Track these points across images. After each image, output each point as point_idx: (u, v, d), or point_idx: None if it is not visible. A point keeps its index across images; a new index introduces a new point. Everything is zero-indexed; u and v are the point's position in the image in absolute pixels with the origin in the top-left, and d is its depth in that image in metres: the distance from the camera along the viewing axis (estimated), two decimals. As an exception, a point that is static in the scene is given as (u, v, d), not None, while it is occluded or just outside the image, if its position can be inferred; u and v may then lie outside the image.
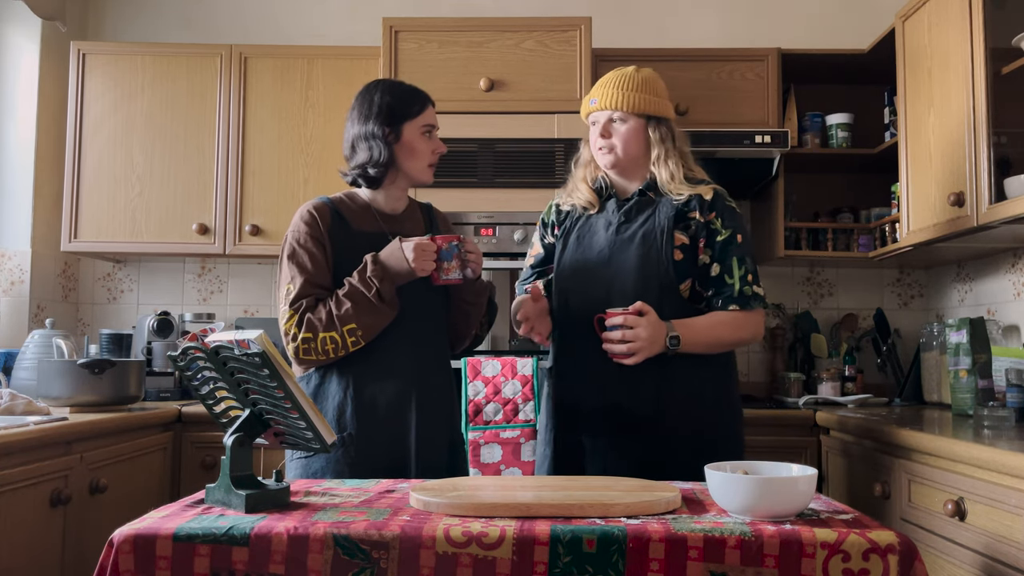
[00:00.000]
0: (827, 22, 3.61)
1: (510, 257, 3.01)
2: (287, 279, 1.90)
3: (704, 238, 1.95)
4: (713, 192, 1.98)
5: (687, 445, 1.88)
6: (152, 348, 3.18)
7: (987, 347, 2.49)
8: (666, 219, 1.95)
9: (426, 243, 1.87)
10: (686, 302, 1.95)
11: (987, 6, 2.37)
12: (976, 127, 2.37)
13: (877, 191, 3.34)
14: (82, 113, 3.30)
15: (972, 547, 1.77)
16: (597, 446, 1.94)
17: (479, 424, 2.15)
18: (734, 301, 1.93)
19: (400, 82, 2.03)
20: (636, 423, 1.91)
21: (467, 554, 1.24)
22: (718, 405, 1.97)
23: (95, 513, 2.34)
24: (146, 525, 1.29)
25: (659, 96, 2.02)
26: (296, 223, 1.94)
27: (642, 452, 1.90)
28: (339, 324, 1.82)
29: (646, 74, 2.04)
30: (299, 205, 2.00)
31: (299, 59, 3.30)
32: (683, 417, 1.91)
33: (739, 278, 1.93)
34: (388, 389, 1.90)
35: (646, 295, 1.90)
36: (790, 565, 1.23)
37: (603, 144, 2.02)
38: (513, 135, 3.03)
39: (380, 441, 1.87)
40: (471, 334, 2.09)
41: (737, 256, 1.94)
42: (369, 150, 1.94)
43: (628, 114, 2.00)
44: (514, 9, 3.62)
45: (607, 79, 2.05)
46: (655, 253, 1.94)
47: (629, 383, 1.92)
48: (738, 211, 2.00)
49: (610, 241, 2.00)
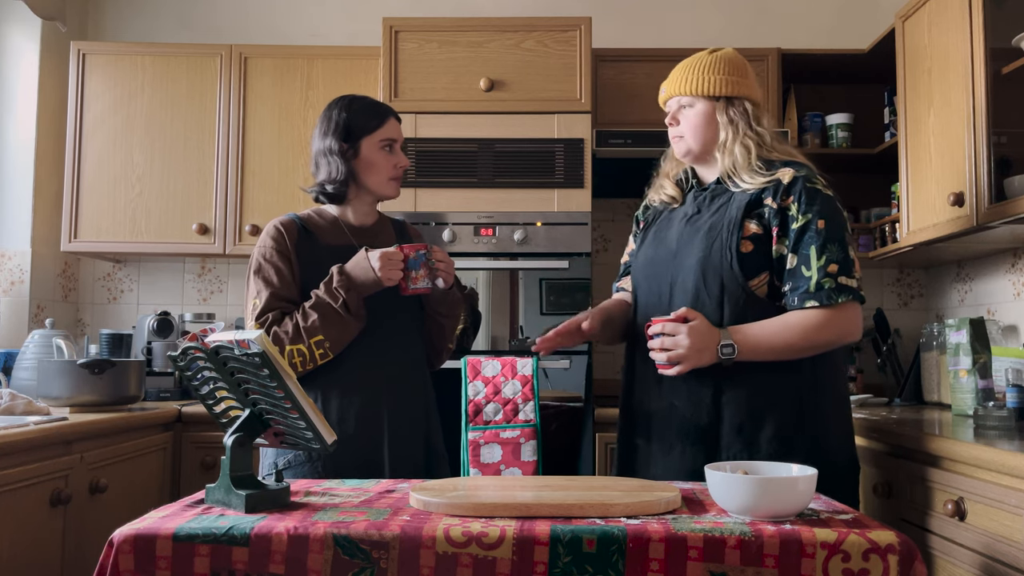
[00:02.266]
0: (827, 22, 3.61)
1: (510, 257, 3.01)
2: (253, 294, 1.90)
3: (778, 226, 1.74)
4: (793, 174, 1.76)
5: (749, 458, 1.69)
6: (152, 348, 3.18)
7: (987, 347, 2.49)
8: (737, 208, 1.76)
9: (392, 252, 1.86)
10: (762, 300, 1.74)
11: (987, 6, 2.37)
12: (976, 127, 2.37)
13: (877, 191, 3.34)
14: (82, 113, 3.30)
15: (972, 547, 1.77)
16: (651, 451, 1.84)
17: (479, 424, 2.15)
18: (811, 297, 1.69)
19: (363, 97, 2.03)
20: (691, 431, 1.76)
21: (467, 554, 1.24)
22: (793, 418, 1.72)
23: (95, 513, 2.34)
24: (146, 525, 1.29)
25: (731, 75, 1.84)
26: (263, 239, 1.94)
27: (693, 463, 1.73)
28: (306, 336, 1.81)
29: (720, 54, 1.87)
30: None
31: (299, 59, 3.30)
32: (741, 430, 1.72)
33: (817, 269, 1.69)
34: (357, 403, 1.89)
35: (707, 291, 1.75)
36: (790, 565, 1.23)
37: (674, 132, 1.90)
38: (513, 135, 3.03)
39: (350, 457, 1.85)
40: (447, 347, 2.08)
41: (817, 244, 1.70)
42: (328, 166, 1.95)
43: (695, 97, 1.85)
44: (514, 9, 3.62)
45: (679, 65, 1.91)
46: (719, 246, 1.75)
47: (688, 388, 1.76)
48: (826, 193, 1.76)
49: (679, 234, 1.85)
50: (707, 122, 1.85)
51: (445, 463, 2.05)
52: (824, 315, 1.69)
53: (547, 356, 2.88)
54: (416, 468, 1.93)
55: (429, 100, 3.05)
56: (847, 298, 1.69)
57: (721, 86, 1.84)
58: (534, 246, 3.00)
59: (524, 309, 3.02)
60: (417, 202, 3.01)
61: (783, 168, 1.79)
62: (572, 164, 3.00)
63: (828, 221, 1.73)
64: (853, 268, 1.72)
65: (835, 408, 1.79)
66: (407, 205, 2.99)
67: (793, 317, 1.71)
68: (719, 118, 1.84)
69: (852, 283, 1.71)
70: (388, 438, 1.90)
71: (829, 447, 1.75)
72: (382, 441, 1.90)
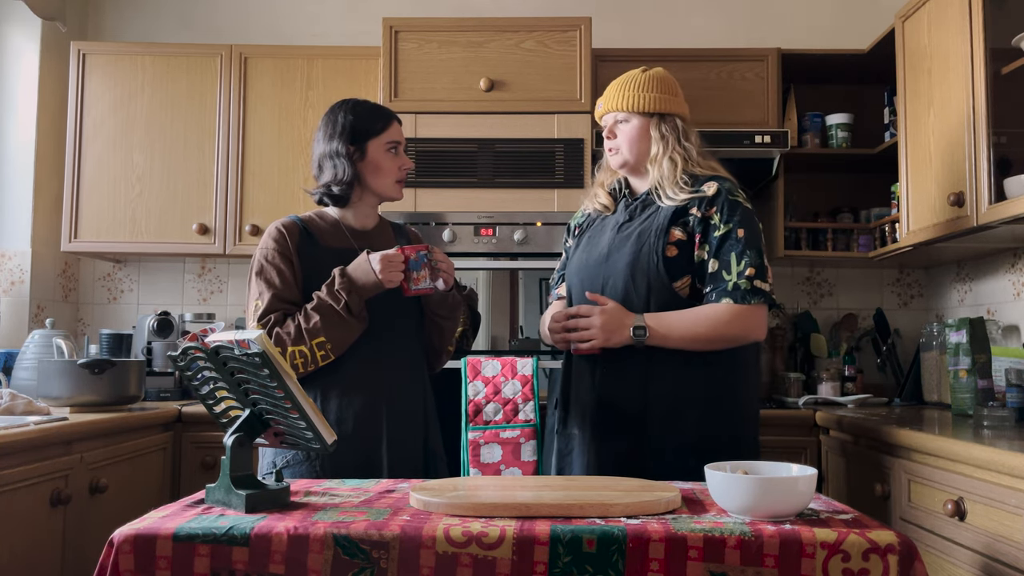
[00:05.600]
0: (827, 22, 3.61)
1: (510, 257, 3.01)
2: (255, 295, 1.91)
3: (700, 234, 1.89)
4: (717, 187, 1.91)
5: (671, 447, 1.84)
6: (152, 348, 3.18)
7: (987, 347, 2.49)
8: (664, 216, 1.91)
9: (393, 254, 1.87)
10: (685, 300, 1.89)
11: (987, 6, 2.37)
12: (976, 127, 2.37)
13: (877, 191, 3.34)
14: (82, 113, 3.30)
15: (972, 547, 1.77)
16: (584, 440, 1.95)
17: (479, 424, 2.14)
18: (727, 295, 1.85)
19: (365, 101, 2.05)
20: (620, 420, 1.90)
21: (467, 554, 1.24)
22: (715, 408, 1.88)
23: (95, 513, 2.34)
24: (146, 525, 1.29)
25: (664, 93, 1.99)
26: (264, 240, 1.95)
27: (624, 450, 1.88)
28: (308, 338, 1.82)
29: (652, 73, 2.02)
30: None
31: (299, 59, 3.30)
32: (669, 417, 1.86)
33: (736, 272, 1.85)
34: (356, 403, 1.89)
35: (635, 292, 1.90)
36: (790, 565, 1.23)
37: (610, 145, 2.03)
38: (513, 135, 3.03)
39: (349, 457, 1.85)
40: (448, 349, 2.09)
41: (737, 251, 1.86)
42: (334, 168, 1.96)
43: (630, 113, 1.99)
44: (514, 9, 3.62)
45: (614, 82, 2.05)
46: (646, 250, 1.90)
47: (617, 379, 1.91)
48: (745, 206, 1.91)
49: (611, 240, 1.99)
50: (641, 136, 1.99)
51: (443, 465, 2.05)
52: (735, 311, 1.85)
53: (547, 356, 2.88)
54: (414, 469, 1.93)
55: (429, 100, 3.05)
56: (759, 300, 1.86)
57: (655, 103, 1.99)
58: (534, 246, 3.00)
59: (524, 309, 3.03)
60: (417, 202, 3.01)
61: (708, 182, 1.93)
62: (572, 164, 3.00)
63: (747, 231, 1.89)
64: (767, 274, 1.89)
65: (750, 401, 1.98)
66: (407, 205, 2.99)
67: (706, 310, 1.87)
68: (652, 132, 1.99)
69: (765, 287, 1.87)
70: (387, 439, 1.90)
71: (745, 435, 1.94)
72: (380, 441, 1.90)
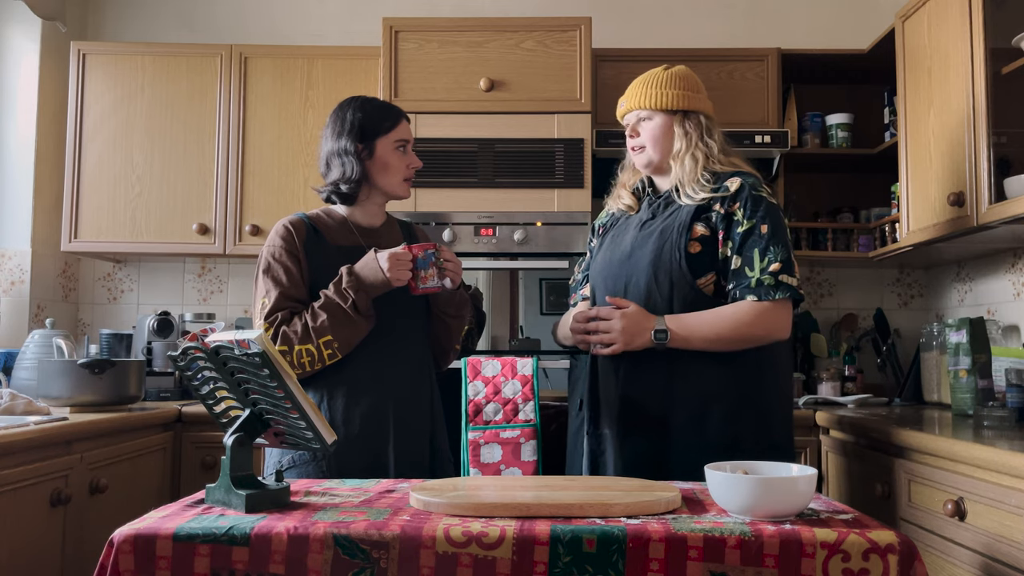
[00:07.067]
0: (827, 22, 3.61)
1: (510, 257, 3.01)
2: (262, 293, 1.90)
3: (723, 230, 1.86)
4: (740, 182, 1.88)
5: (696, 447, 1.80)
6: (152, 348, 3.18)
7: (987, 347, 2.49)
8: (687, 212, 1.89)
9: (401, 252, 1.86)
10: (709, 298, 1.86)
11: (987, 6, 2.37)
12: (976, 127, 2.37)
13: (877, 191, 3.34)
14: (82, 113, 3.30)
15: (972, 547, 1.77)
16: (611, 439, 1.93)
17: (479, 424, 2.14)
18: (751, 291, 1.82)
19: (373, 99, 2.04)
20: (645, 420, 1.88)
21: (467, 554, 1.24)
22: (740, 407, 1.84)
23: (95, 513, 2.34)
24: (146, 525, 1.29)
25: (687, 90, 1.98)
26: (272, 238, 1.95)
27: (651, 450, 1.86)
28: (315, 336, 1.82)
29: (675, 70, 2.01)
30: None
31: (299, 59, 3.30)
32: (694, 417, 1.83)
33: (760, 269, 1.82)
34: (363, 402, 1.89)
35: (658, 290, 1.88)
36: (790, 565, 1.23)
37: (633, 144, 2.01)
38: (513, 135, 3.03)
39: (356, 456, 1.86)
40: (454, 348, 2.08)
41: (760, 247, 1.83)
42: (342, 166, 1.95)
43: (653, 111, 1.97)
44: (514, 9, 3.62)
45: (636, 80, 2.04)
46: (668, 247, 1.88)
47: (641, 379, 1.88)
48: (770, 200, 1.88)
49: (634, 238, 1.97)
50: (665, 133, 1.97)
51: (449, 463, 2.06)
52: (757, 309, 1.82)
53: (547, 356, 2.88)
54: (420, 468, 1.93)
55: (429, 100, 3.05)
56: (784, 295, 1.82)
57: (678, 100, 1.97)
58: (534, 246, 3.00)
59: (524, 309, 3.03)
60: (417, 202, 3.01)
61: (731, 177, 1.91)
62: (572, 164, 3.00)
63: (771, 226, 1.85)
64: (794, 269, 1.85)
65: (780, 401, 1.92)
66: (407, 205, 2.99)
67: (727, 309, 1.83)
68: (676, 129, 1.97)
69: (792, 281, 1.83)
70: (393, 438, 1.90)
71: (773, 435, 1.87)
72: (387, 441, 1.90)
